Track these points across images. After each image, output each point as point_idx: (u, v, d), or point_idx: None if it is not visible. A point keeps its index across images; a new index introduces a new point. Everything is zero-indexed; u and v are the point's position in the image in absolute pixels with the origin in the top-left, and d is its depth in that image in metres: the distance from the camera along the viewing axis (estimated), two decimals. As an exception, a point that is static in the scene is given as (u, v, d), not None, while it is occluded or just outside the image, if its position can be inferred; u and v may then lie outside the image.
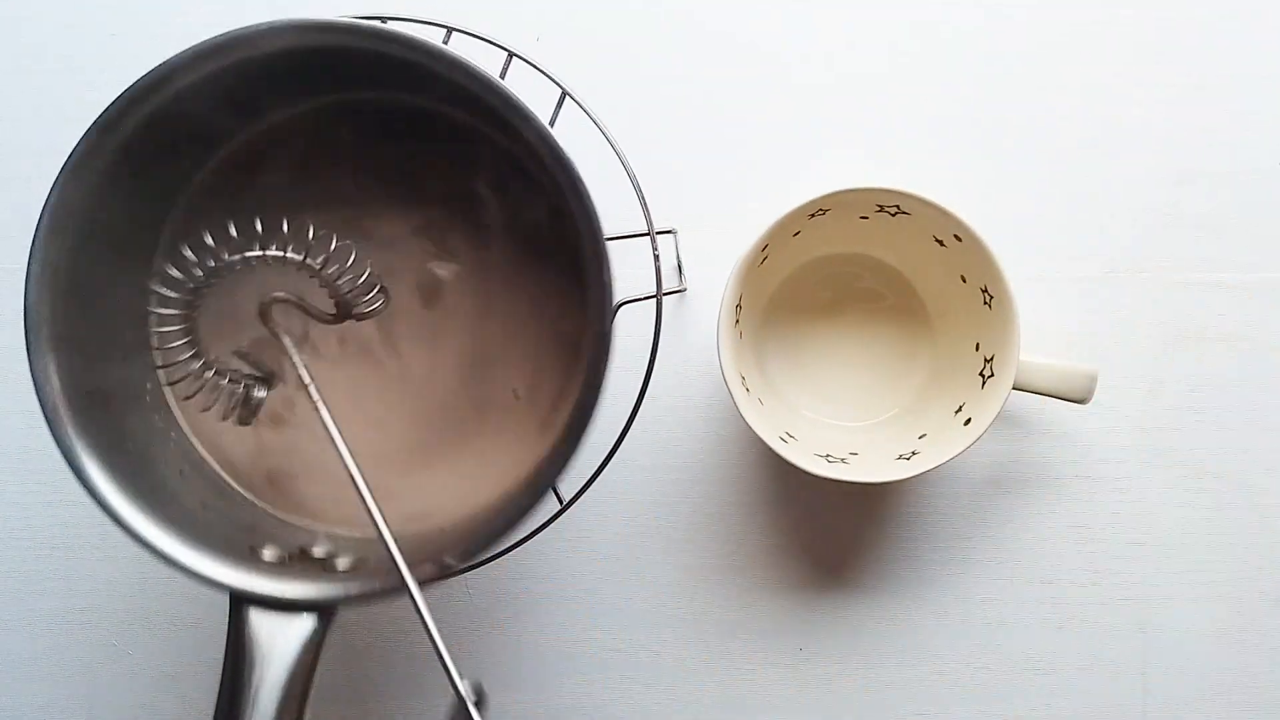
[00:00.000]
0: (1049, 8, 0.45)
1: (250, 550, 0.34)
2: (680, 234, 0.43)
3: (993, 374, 0.40)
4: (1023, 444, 0.45)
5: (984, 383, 0.40)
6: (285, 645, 0.31)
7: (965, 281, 0.41)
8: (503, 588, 0.45)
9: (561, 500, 0.35)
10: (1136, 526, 0.45)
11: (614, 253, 0.31)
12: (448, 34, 0.38)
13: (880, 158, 0.45)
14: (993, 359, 0.40)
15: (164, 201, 0.36)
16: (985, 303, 0.40)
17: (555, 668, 0.45)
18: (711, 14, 0.45)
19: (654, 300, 0.36)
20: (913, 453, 0.40)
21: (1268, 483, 0.45)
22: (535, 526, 0.35)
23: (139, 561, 0.44)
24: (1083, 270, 0.45)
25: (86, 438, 0.32)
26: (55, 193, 0.32)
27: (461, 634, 0.45)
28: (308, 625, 0.32)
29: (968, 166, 0.45)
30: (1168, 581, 0.45)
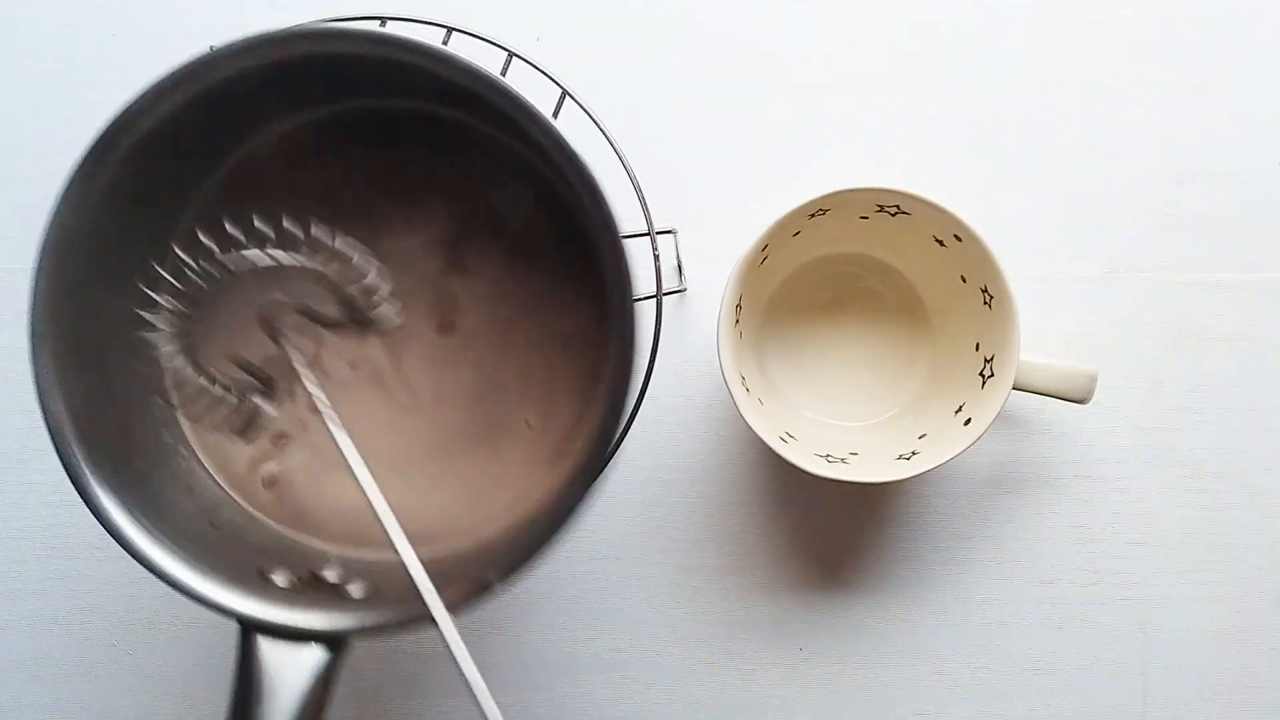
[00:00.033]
0: (1049, 8, 0.45)
1: (259, 574, 0.33)
2: (680, 234, 0.43)
3: (993, 374, 0.40)
4: (1023, 444, 0.45)
5: (984, 383, 0.40)
6: (296, 676, 0.30)
7: (965, 281, 0.41)
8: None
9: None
10: (1136, 526, 0.45)
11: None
12: (448, 34, 0.38)
13: (880, 158, 0.45)
14: (993, 359, 0.40)
15: (169, 214, 0.35)
16: (985, 303, 0.40)
17: (555, 668, 0.45)
18: (711, 14, 0.45)
19: (654, 300, 0.36)
20: (913, 453, 0.40)
21: (1268, 483, 0.45)
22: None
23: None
24: (1083, 270, 0.45)
25: (92, 455, 0.31)
26: (58, 208, 0.31)
27: (461, 635, 0.44)
28: (320, 656, 0.30)
29: (968, 166, 0.45)
30: (1168, 581, 0.45)
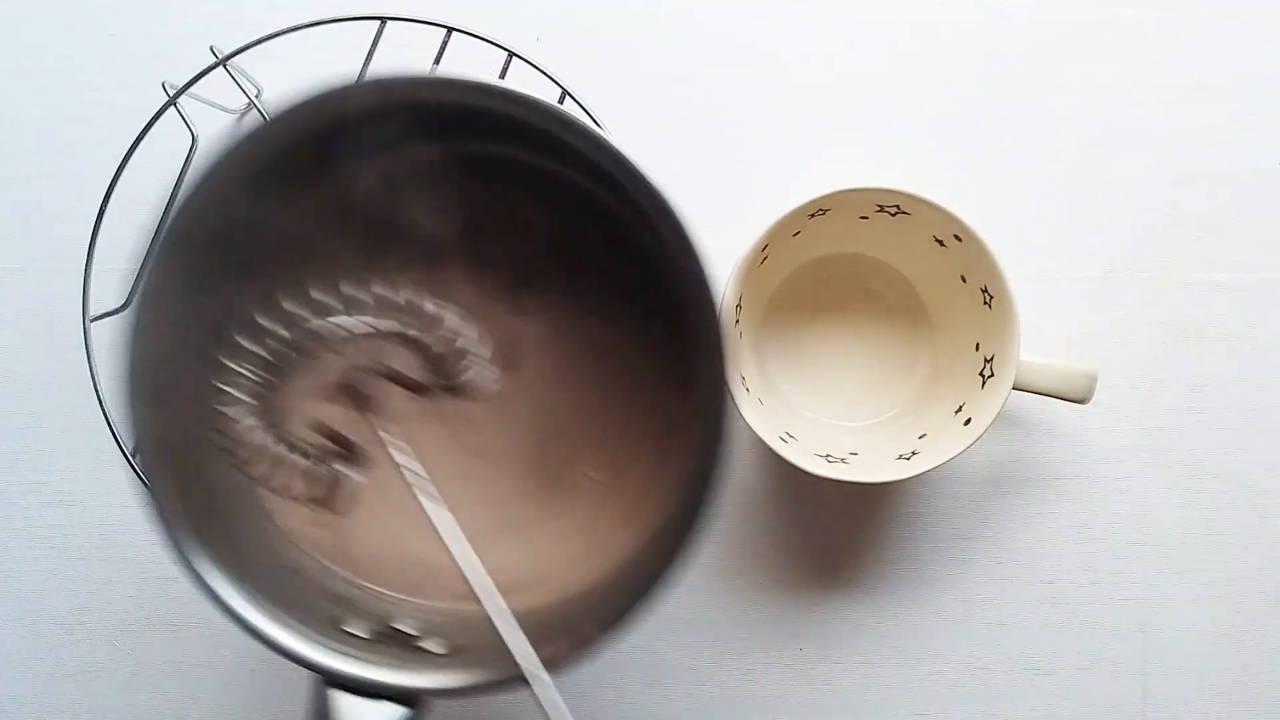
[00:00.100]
0: (1049, 8, 0.45)
1: (334, 622, 0.31)
2: (680, 234, 0.43)
3: (993, 374, 0.40)
4: (1023, 444, 0.45)
5: (984, 383, 0.40)
6: None
7: (965, 281, 0.41)
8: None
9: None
10: (1136, 526, 0.45)
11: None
12: (448, 34, 0.38)
13: (880, 158, 0.45)
14: (993, 359, 0.40)
15: (244, 283, 0.32)
16: (985, 303, 0.40)
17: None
18: (711, 14, 0.45)
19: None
20: (913, 453, 0.40)
21: (1268, 483, 0.45)
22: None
23: (139, 561, 0.44)
24: (1083, 270, 0.45)
25: (178, 504, 0.29)
26: (144, 278, 0.29)
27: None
28: (399, 714, 0.29)
29: (968, 166, 0.45)
30: (1168, 581, 0.45)
